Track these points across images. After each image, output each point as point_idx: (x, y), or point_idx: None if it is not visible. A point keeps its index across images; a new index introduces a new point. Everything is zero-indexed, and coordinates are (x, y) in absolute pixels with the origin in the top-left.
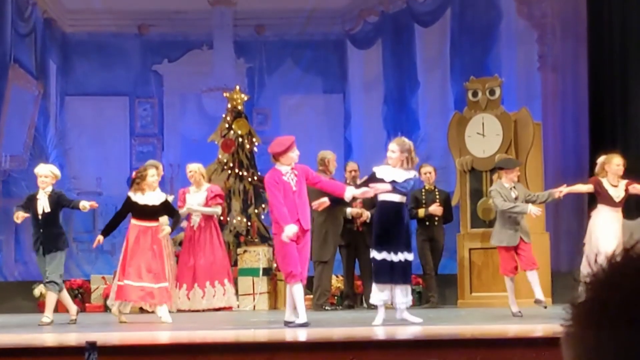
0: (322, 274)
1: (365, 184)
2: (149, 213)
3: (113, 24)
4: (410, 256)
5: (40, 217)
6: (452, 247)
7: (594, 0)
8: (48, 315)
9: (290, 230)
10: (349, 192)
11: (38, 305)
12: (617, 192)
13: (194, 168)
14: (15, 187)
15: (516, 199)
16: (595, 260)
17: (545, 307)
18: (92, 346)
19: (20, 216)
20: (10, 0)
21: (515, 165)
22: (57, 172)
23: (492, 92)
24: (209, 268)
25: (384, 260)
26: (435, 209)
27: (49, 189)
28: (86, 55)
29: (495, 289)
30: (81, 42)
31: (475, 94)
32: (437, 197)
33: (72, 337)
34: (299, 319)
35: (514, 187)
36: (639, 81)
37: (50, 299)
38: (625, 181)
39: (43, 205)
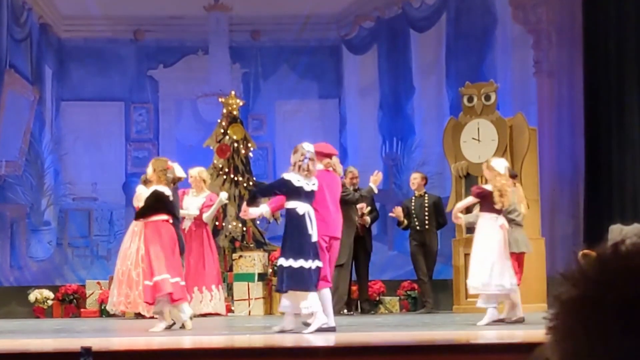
0: (339, 279)
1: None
2: None
3: (109, 30)
4: (319, 263)
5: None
6: (447, 252)
7: (590, 6)
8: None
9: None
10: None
11: (33, 311)
12: None
13: (194, 173)
14: (10, 193)
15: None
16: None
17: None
18: (87, 351)
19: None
20: (6, 6)
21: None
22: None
23: (487, 98)
24: (197, 273)
25: (300, 267)
26: (396, 211)
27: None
28: (82, 60)
29: None
30: (77, 47)
31: (470, 100)
32: (427, 202)
33: (67, 342)
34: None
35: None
36: (635, 87)
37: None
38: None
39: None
